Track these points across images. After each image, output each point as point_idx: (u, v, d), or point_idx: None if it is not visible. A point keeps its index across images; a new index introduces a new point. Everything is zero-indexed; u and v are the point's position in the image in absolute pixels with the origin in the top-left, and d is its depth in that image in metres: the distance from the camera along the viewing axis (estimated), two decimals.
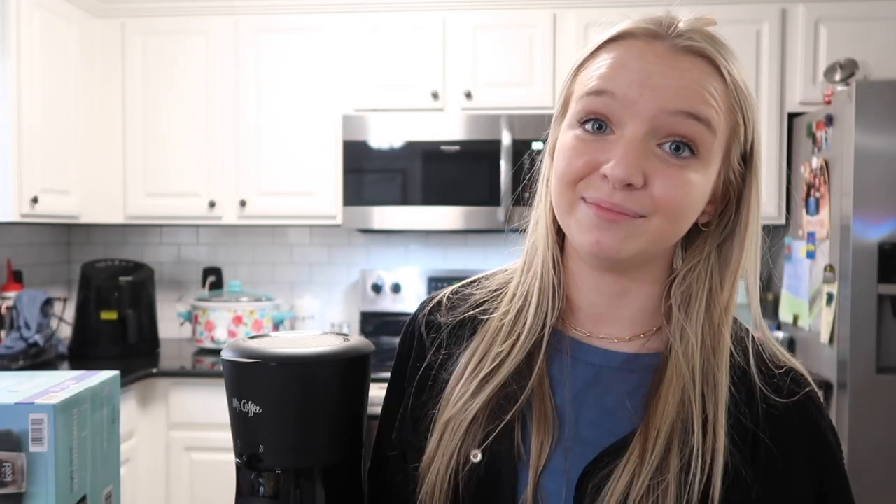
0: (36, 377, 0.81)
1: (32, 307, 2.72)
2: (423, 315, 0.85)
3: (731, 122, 0.67)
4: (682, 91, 0.65)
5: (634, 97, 0.65)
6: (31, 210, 2.57)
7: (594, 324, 0.75)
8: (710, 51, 0.66)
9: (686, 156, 0.65)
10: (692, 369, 0.68)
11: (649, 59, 0.66)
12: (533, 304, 0.75)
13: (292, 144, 2.94)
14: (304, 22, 2.93)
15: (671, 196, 0.65)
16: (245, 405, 0.72)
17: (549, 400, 0.72)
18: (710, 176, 0.68)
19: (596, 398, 0.72)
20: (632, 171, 0.64)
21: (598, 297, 0.75)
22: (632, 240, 0.66)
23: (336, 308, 3.31)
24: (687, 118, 0.65)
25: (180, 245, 3.37)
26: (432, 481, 0.73)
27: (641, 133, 0.65)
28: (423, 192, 2.84)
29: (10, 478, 0.70)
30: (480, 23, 2.87)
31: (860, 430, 2.33)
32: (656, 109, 0.64)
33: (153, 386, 2.69)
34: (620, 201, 0.65)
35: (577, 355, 0.75)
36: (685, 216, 0.68)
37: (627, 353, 0.74)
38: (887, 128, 2.30)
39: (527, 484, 0.70)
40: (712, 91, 0.65)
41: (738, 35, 2.79)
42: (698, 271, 0.71)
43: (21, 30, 2.51)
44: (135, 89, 2.98)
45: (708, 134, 0.65)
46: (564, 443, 0.71)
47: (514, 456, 0.71)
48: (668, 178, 0.65)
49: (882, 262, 2.31)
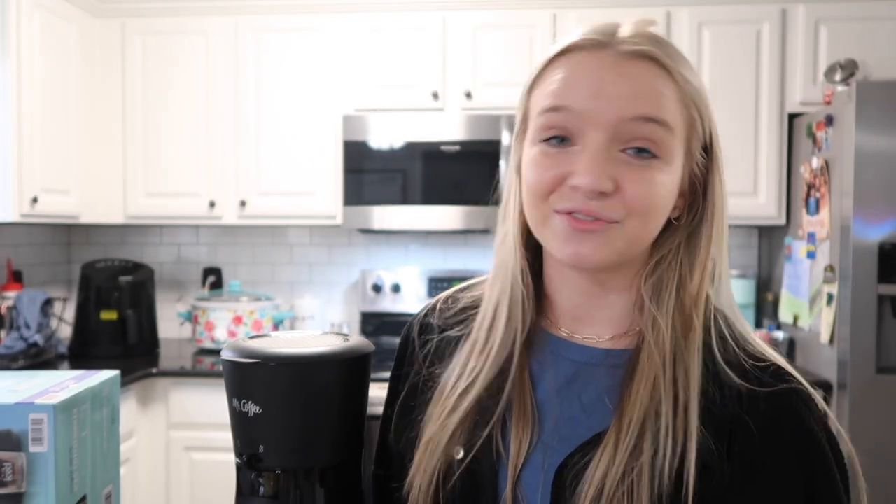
0: (36, 377, 0.81)
1: (32, 307, 2.72)
2: (418, 319, 0.87)
3: (687, 118, 0.69)
4: (636, 96, 0.66)
5: (590, 108, 0.67)
6: (31, 210, 2.57)
7: (576, 323, 0.77)
8: (656, 53, 0.68)
9: (649, 157, 0.67)
10: (663, 356, 0.69)
11: (599, 68, 0.67)
12: (502, 320, 0.76)
13: (292, 144, 2.94)
14: (304, 22, 2.93)
15: (642, 197, 0.67)
16: (245, 405, 0.72)
17: (530, 398, 0.74)
18: (674, 173, 0.69)
19: (575, 394, 0.73)
20: (601, 178, 0.66)
21: (579, 297, 0.76)
22: (609, 246, 0.68)
23: (336, 308, 3.31)
24: (645, 122, 0.66)
25: (180, 245, 3.37)
26: (414, 497, 0.75)
27: (603, 141, 0.66)
28: (423, 192, 2.84)
29: (10, 478, 0.70)
30: (480, 23, 2.87)
31: (860, 430, 2.33)
32: (614, 118, 0.66)
33: (153, 386, 2.69)
34: (596, 209, 0.67)
35: (557, 352, 0.76)
36: (657, 215, 0.70)
37: (607, 349, 0.75)
38: (887, 128, 2.30)
39: (506, 481, 0.71)
40: (664, 91, 0.67)
41: (738, 35, 2.79)
42: (668, 262, 0.72)
43: (21, 30, 2.51)
44: (135, 89, 2.98)
45: (667, 134, 0.67)
46: (544, 439, 0.72)
47: (493, 454, 0.72)
48: (637, 180, 0.67)
49: (882, 262, 2.31)
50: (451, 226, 2.84)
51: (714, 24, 2.80)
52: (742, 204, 2.81)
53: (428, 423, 0.77)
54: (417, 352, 0.83)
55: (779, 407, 0.69)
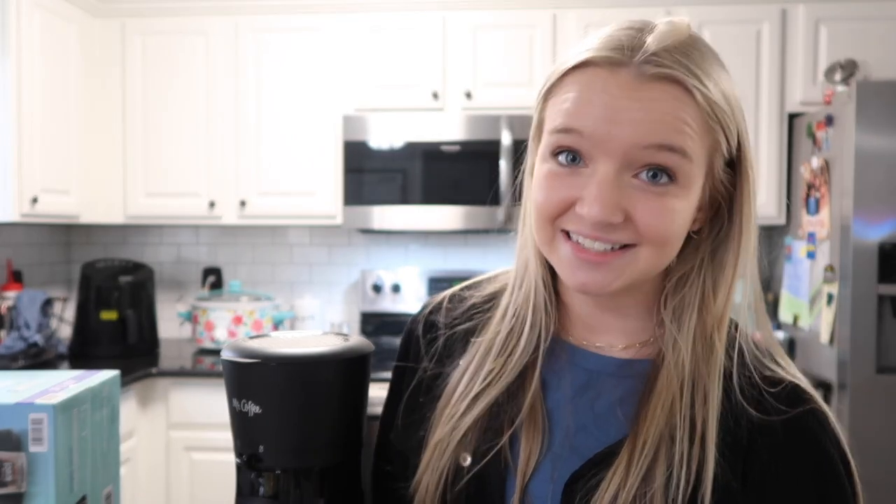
0: (36, 377, 0.81)
1: (32, 307, 2.72)
2: (422, 316, 0.85)
3: (710, 142, 0.65)
4: (653, 124, 0.62)
5: (602, 134, 0.63)
6: (31, 210, 2.57)
7: (590, 332, 0.75)
8: (679, 75, 0.62)
9: (665, 182, 0.63)
10: (682, 380, 0.67)
11: (614, 91, 0.63)
12: (527, 327, 0.74)
13: (292, 144, 2.94)
14: (304, 22, 2.93)
15: (656, 225, 0.64)
16: (245, 405, 0.72)
17: (541, 406, 0.72)
18: (692, 197, 0.66)
19: (588, 404, 0.72)
20: (608, 211, 0.63)
21: (593, 310, 0.74)
22: (620, 277, 0.66)
23: (336, 308, 3.31)
24: (661, 150, 0.62)
25: (180, 245, 3.37)
26: (421, 496, 0.74)
27: (613, 170, 0.63)
28: (423, 192, 2.84)
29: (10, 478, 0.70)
30: (480, 23, 2.87)
31: (860, 430, 2.33)
32: (627, 145, 0.62)
33: (153, 386, 2.69)
34: (604, 235, 0.64)
35: (572, 360, 0.74)
36: (673, 243, 0.66)
37: (622, 358, 0.73)
38: (887, 128, 2.30)
39: (514, 490, 0.70)
40: (685, 118, 0.63)
41: (738, 35, 2.79)
42: (691, 280, 0.69)
43: (21, 30, 2.51)
44: (135, 89, 2.98)
45: (685, 162, 0.63)
46: (554, 449, 0.71)
47: (500, 462, 0.71)
48: (650, 208, 0.63)
49: (882, 262, 2.31)
50: (451, 226, 2.83)
51: (714, 23, 2.80)
52: None
53: (437, 423, 0.75)
54: (423, 349, 0.82)
55: (795, 432, 0.67)
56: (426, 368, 0.80)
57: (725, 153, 0.66)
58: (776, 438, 0.66)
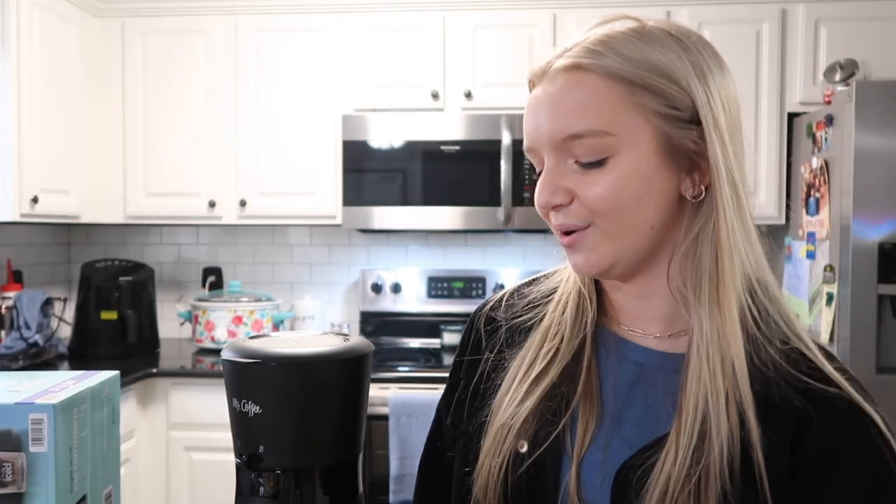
0: (36, 377, 0.81)
1: (32, 307, 2.72)
2: (483, 312, 0.89)
3: (632, 105, 0.68)
4: (559, 118, 0.69)
5: (536, 141, 0.72)
6: (31, 210, 2.57)
7: (633, 321, 0.78)
8: (577, 60, 0.69)
9: (594, 165, 0.69)
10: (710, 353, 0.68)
11: (536, 102, 0.72)
12: (571, 309, 0.79)
13: (292, 144, 2.94)
14: (304, 22, 2.93)
15: (600, 198, 0.69)
16: (245, 405, 0.72)
17: (597, 395, 0.75)
18: (637, 160, 0.68)
19: (641, 396, 0.74)
20: (549, 194, 0.71)
21: (627, 298, 0.77)
22: (595, 251, 0.71)
23: (336, 308, 3.31)
24: (571, 140, 0.69)
25: (180, 245, 3.37)
26: (485, 479, 0.77)
27: (552, 162, 0.71)
28: (423, 192, 2.84)
29: (10, 478, 0.70)
30: (480, 23, 2.87)
31: None
32: (548, 142, 0.71)
33: (153, 386, 2.69)
34: (564, 220, 0.71)
35: (621, 353, 0.77)
36: (628, 209, 0.69)
37: (667, 352, 0.75)
38: (887, 128, 2.30)
39: (568, 475, 0.73)
40: (586, 98, 0.68)
41: (738, 35, 2.79)
42: (697, 248, 0.70)
43: (21, 30, 2.51)
44: (135, 89, 2.98)
45: (601, 138, 0.68)
46: (606, 438, 0.73)
47: (558, 447, 0.74)
48: (589, 184, 0.69)
49: (882, 262, 2.31)
50: (451, 226, 2.83)
51: (714, 23, 2.80)
52: None
53: (498, 408, 0.78)
54: (484, 342, 0.85)
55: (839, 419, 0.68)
56: (488, 359, 0.83)
57: (671, 111, 0.68)
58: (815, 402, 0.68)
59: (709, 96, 0.69)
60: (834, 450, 0.68)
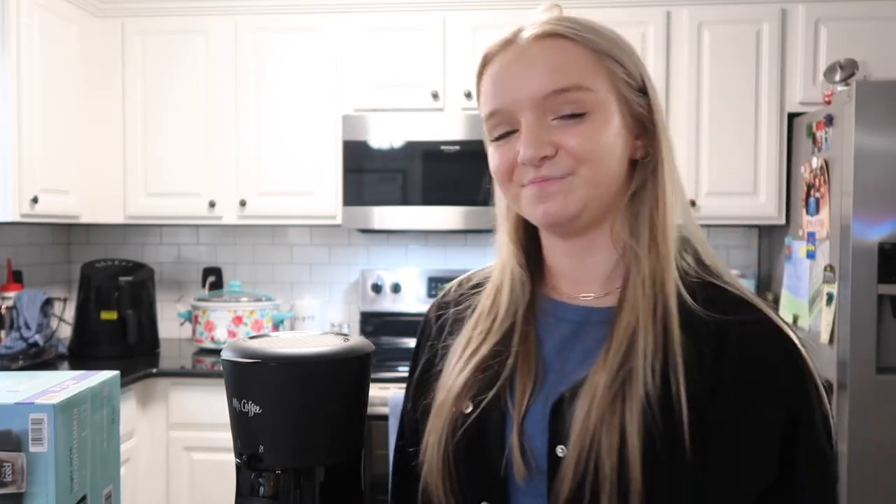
0: (36, 377, 0.81)
1: (32, 307, 2.72)
2: (435, 303, 0.95)
3: (604, 70, 0.76)
4: (541, 76, 0.74)
5: (514, 100, 0.76)
6: (31, 210, 2.57)
7: (573, 285, 0.83)
8: (556, 28, 0.75)
9: (578, 117, 0.75)
10: (644, 290, 0.75)
11: (507, 65, 0.77)
12: (506, 293, 0.84)
13: (292, 144, 2.94)
14: (304, 22, 2.93)
15: (583, 146, 0.74)
16: (245, 405, 0.72)
17: (534, 356, 0.80)
18: (609, 119, 0.76)
19: (579, 348, 0.79)
20: (537, 146, 0.74)
21: (570, 260, 0.83)
22: (572, 195, 0.76)
23: (336, 308, 3.31)
24: (559, 94, 0.74)
25: (180, 245, 3.37)
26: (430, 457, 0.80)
27: (534, 118, 0.75)
28: (423, 192, 2.84)
29: (10, 478, 0.70)
30: (480, 23, 2.87)
31: (860, 430, 2.33)
32: (534, 98, 0.75)
33: (153, 386, 2.69)
34: (548, 172, 0.75)
35: (557, 314, 0.82)
36: (606, 159, 0.76)
37: (602, 307, 0.80)
38: (887, 128, 2.30)
39: (512, 430, 0.76)
40: (566, 58, 0.75)
41: (738, 35, 2.79)
42: (640, 198, 0.78)
43: (21, 30, 2.51)
44: (135, 89, 2.98)
45: (585, 93, 0.74)
46: (546, 391, 0.77)
47: (500, 408, 0.78)
48: (575, 134, 0.74)
49: (882, 262, 2.31)
50: (451, 226, 2.83)
51: (714, 24, 2.80)
52: (742, 204, 2.81)
53: (440, 389, 0.82)
54: (433, 328, 0.91)
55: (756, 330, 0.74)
56: (433, 346, 0.89)
57: (631, 81, 0.77)
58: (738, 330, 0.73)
59: (643, 69, 0.80)
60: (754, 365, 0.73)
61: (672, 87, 2.82)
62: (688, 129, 2.81)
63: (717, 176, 2.81)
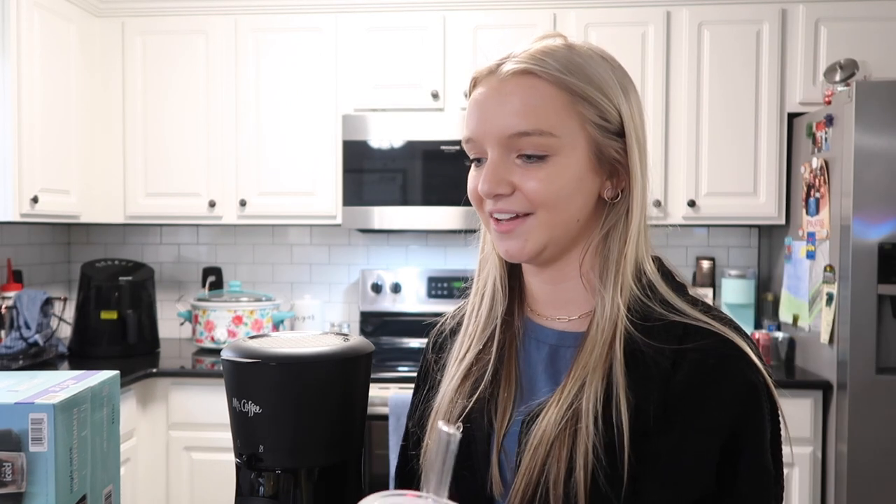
0: (36, 377, 0.81)
1: (32, 307, 2.72)
2: (436, 328, 0.99)
3: (574, 113, 0.77)
4: (509, 116, 0.76)
5: (482, 134, 0.78)
6: (31, 210, 2.57)
7: (549, 308, 0.86)
8: (529, 66, 0.77)
9: (537, 160, 0.77)
10: (604, 328, 0.78)
11: (484, 97, 0.79)
12: (487, 302, 0.88)
13: (292, 144, 2.94)
14: (304, 22, 2.93)
15: (538, 191, 0.77)
16: (245, 405, 0.72)
17: (514, 376, 0.84)
18: (572, 161, 0.77)
19: (552, 372, 0.83)
20: (493, 185, 0.77)
21: (545, 286, 0.86)
22: (530, 239, 0.79)
23: (336, 308, 3.31)
24: (521, 137, 0.76)
25: (180, 245, 3.37)
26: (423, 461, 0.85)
27: (498, 155, 0.78)
28: (423, 192, 2.84)
29: (10, 477, 0.70)
30: (480, 23, 2.87)
31: (860, 430, 2.33)
32: (497, 137, 0.77)
33: (153, 386, 2.69)
34: (503, 206, 0.78)
35: (538, 337, 0.86)
36: (563, 202, 0.78)
37: (574, 332, 0.83)
38: (887, 128, 2.30)
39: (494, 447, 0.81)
40: (536, 100, 0.76)
41: (738, 35, 2.79)
42: (611, 238, 0.81)
43: (21, 30, 2.51)
44: (135, 89, 2.98)
45: (546, 139, 0.76)
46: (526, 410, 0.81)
47: (484, 425, 0.82)
48: (531, 178, 0.77)
49: (882, 262, 2.31)
50: (451, 226, 2.84)
51: (714, 24, 2.80)
52: (742, 204, 2.81)
53: (437, 395, 0.88)
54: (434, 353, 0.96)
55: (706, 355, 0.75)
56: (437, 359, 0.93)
57: (602, 122, 0.78)
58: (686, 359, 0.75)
59: (631, 112, 0.80)
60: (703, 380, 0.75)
61: (672, 87, 2.82)
62: (688, 128, 2.81)
63: (717, 176, 2.81)
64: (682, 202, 2.82)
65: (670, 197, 2.84)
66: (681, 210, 2.83)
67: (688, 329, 0.77)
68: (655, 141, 2.78)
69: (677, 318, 0.78)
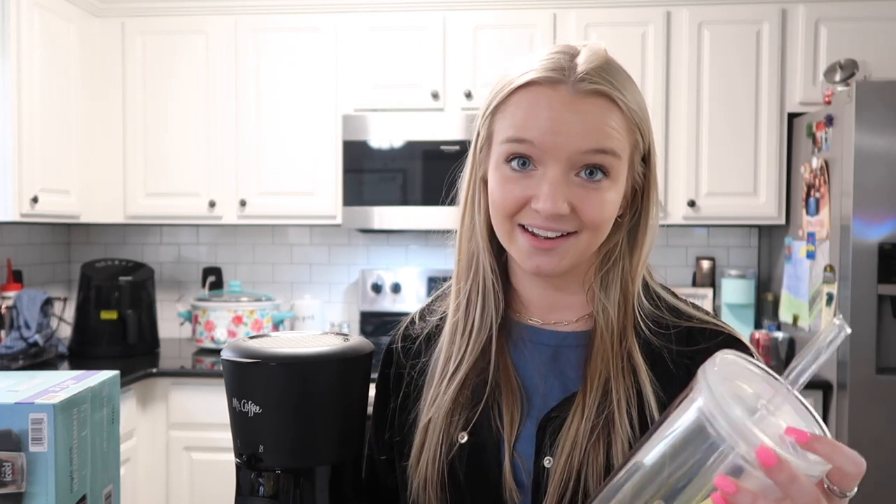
0: (36, 377, 0.81)
1: (32, 307, 2.72)
2: (398, 333, 0.97)
3: (632, 141, 0.79)
4: (589, 132, 0.75)
5: (550, 143, 0.76)
6: (31, 210, 2.57)
7: (545, 313, 0.87)
8: (606, 89, 0.76)
9: (599, 179, 0.77)
10: (611, 334, 0.81)
11: (556, 106, 0.76)
12: (478, 309, 0.86)
13: (292, 144, 2.94)
14: (304, 22, 2.93)
15: (595, 216, 0.77)
16: (245, 405, 0.72)
17: (515, 381, 0.84)
18: (620, 189, 0.80)
19: (559, 371, 0.84)
20: (559, 204, 0.76)
21: (543, 292, 0.86)
22: (565, 259, 0.79)
23: (336, 308, 3.31)
24: (596, 154, 0.76)
25: (180, 245, 3.37)
26: (423, 473, 0.82)
27: (560, 171, 0.76)
28: (423, 192, 2.84)
29: (10, 477, 0.70)
30: (480, 23, 2.87)
31: (860, 430, 2.33)
32: (570, 151, 0.75)
33: (153, 386, 2.69)
34: (555, 225, 0.77)
35: (533, 339, 0.86)
36: (605, 228, 0.80)
37: (576, 331, 0.85)
38: (887, 128, 2.30)
39: (505, 456, 0.81)
40: (613, 124, 0.76)
41: (738, 35, 2.79)
42: (615, 257, 0.83)
43: (21, 30, 2.51)
44: (135, 89, 2.98)
45: (615, 160, 0.77)
46: (534, 414, 0.82)
47: (493, 433, 0.82)
48: (590, 201, 0.77)
49: (882, 262, 2.31)
50: (451, 226, 2.82)
51: (714, 24, 2.80)
52: (742, 204, 2.81)
53: (424, 406, 0.85)
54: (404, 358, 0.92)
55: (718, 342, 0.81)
56: (411, 371, 0.90)
57: (641, 151, 0.81)
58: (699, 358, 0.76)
59: (652, 138, 0.83)
60: None
61: (672, 87, 2.82)
62: (688, 128, 2.81)
63: (717, 176, 2.81)
64: (682, 202, 2.82)
65: (670, 197, 2.84)
66: (681, 210, 2.83)
67: (700, 331, 0.82)
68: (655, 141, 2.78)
69: (687, 322, 0.83)
